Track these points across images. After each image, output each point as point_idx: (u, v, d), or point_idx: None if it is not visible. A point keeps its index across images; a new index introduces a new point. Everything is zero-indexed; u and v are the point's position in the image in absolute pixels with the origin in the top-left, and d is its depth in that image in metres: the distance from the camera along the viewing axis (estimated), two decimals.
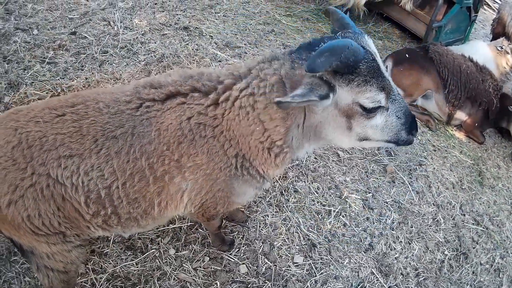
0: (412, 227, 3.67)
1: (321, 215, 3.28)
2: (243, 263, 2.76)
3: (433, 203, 4.11)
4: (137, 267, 2.59)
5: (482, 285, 3.66)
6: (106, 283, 2.52)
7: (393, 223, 3.59)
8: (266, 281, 2.71)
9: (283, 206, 3.22)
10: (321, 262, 2.94)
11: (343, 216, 3.35)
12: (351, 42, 1.54)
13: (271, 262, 2.81)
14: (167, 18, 5.42)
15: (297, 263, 2.88)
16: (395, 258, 3.30)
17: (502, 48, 6.36)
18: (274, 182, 3.40)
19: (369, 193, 3.72)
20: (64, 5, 5.31)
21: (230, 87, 1.73)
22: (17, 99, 3.67)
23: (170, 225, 2.85)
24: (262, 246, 2.89)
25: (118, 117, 1.70)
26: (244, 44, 5.37)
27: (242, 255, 2.82)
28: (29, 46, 4.45)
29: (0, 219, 1.65)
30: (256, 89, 1.67)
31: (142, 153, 1.70)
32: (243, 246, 2.85)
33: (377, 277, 3.08)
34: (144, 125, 1.71)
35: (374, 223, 3.46)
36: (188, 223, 2.87)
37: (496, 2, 13.00)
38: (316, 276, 2.85)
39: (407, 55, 5.46)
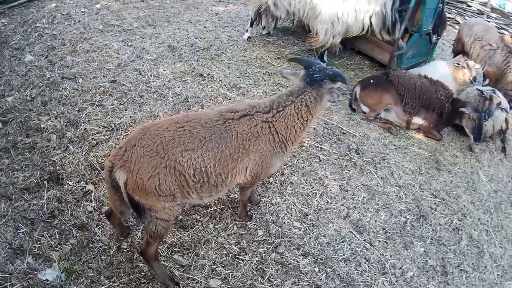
0: (379, 202, 4.66)
1: (310, 197, 4.42)
2: (260, 228, 3.96)
3: (395, 185, 5.05)
4: (188, 237, 3.75)
5: (442, 239, 4.53)
6: (167, 250, 3.63)
7: (364, 199, 4.62)
8: (276, 239, 3.88)
9: (283, 193, 4.40)
10: (312, 226, 4.09)
11: (325, 196, 4.48)
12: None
13: (278, 227, 4.00)
14: (185, 67, 6.54)
15: (296, 226, 4.04)
16: (367, 221, 4.34)
17: (459, 64, 7.19)
18: (275, 177, 4.57)
19: (344, 181, 4.79)
20: (100, 58, 6.47)
21: (280, 108, 3.20)
22: (79, 134, 4.76)
23: (209, 208, 4.05)
24: (271, 217, 4.09)
25: (212, 128, 3.05)
26: (246, 85, 6.40)
27: (258, 223, 4.01)
28: (78, 92, 5.56)
29: (140, 188, 2.84)
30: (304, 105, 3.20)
31: (225, 147, 3.04)
32: (258, 218, 4.06)
33: (354, 234, 4.14)
34: (227, 132, 3.07)
35: (349, 200, 4.54)
36: (220, 206, 4.12)
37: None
38: (310, 234, 4.00)
39: (371, 81, 6.48)
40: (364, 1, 6.76)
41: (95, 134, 4.79)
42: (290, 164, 4.84)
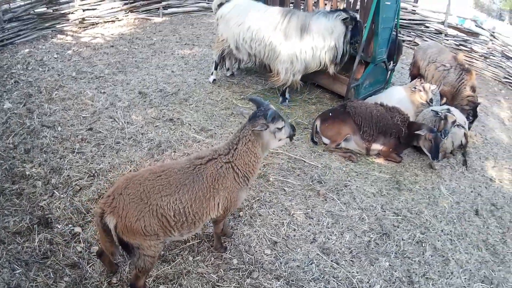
0: (342, 225, 5.07)
1: (278, 226, 4.84)
2: (234, 257, 4.36)
3: (358, 208, 5.44)
4: (171, 270, 4.10)
5: (406, 252, 4.89)
6: (153, 282, 3.97)
7: (328, 224, 5.04)
8: (250, 266, 4.28)
9: (253, 224, 4.82)
10: (282, 251, 4.50)
11: (292, 225, 4.91)
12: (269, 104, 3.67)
13: (251, 255, 4.41)
14: (156, 112, 6.95)
15: (267, 253, 4.45)
16: (333, 244, 4.75)
17: (415, 88, 7.68)
18: (245, 211, 5.00)
19: (309, 209, 5.22)
20: (75, 106, 6.86)
21: (234, 147, 3.71)
22: (62, 180, 5.11)
23: (187, 243, 4.44)
24: (244, 247, 4.49)
25: (185, 174, 3.55)
26: (214, 127, 6.81)
27: (233, 253, 4.41)
28: (58, 140, 5.91)
29: (129, 230, 3.26)
30: (248, 140, 3.71)
31: (198, 189, 3.54)
32: (232, 248, 4.47)
33: (321, 256, 4.55)
34: (198, 176, 3.57)
35: (314, 226, 4.96)
36: (197, 240, 4.54)
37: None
38: (280, 259, 4.41)
39: (330, 114, 6.88)
40: (320, 38, 7.19)
41: (77, 180, 5.15)
42: (258, 198, 5.27)
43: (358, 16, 7.35)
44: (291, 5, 10.24)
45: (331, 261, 4.56)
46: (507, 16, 49.14)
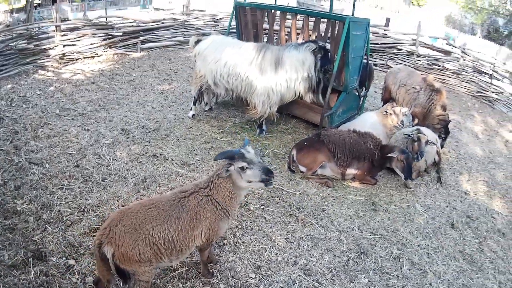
0: (322, 247, 5.34)
1: (261, 251, 5.11)
2: (221, 282, 4.63)
3: (336, 230, 5.69)
4: None
5: (384, 268, 5.11)
6: None
7: (308, 247, 5.31)
8: None
9: (237, 251, 5.09)
10: (266, 275, 4.78)
11: (274, 249, 5.19)
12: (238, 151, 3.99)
13: (237, 279, 4.68)
14: (139, 148, 7.21)
15: (252, 277, 4.72)
16: (313, 265, 5.02)
17: (387, 112, 7.94)
18: (229, 240, 5.27)
19: (289, 234, 5.50)
20: (61, 143, 7.10)
21: (212, 182, 4.07)
22: (54, 215, 5.29)
23: (176, 271, 4.70)
24: (229, 272, 4.76)
25: (171, 206, 3.91)
26: (195, 161, 7.07)
27: (219, 278, 4.67)
28: (47, 177, 6.08)
29: (125, 258, 3.60)
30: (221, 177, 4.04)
31: (183, 219, 3.89)
32: (219, 274, 4.73)
33: (303, 277, 4.82)
34: (183, 208, 3.93)
35: (295, 250, 5.24)
36: (185, 268, 4.82)
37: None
38: (264, 282, 4.69)
39: (305, 143, 7.14)
40: (293, 70, 7.57)
41: (68, 215, 5.36)
42: (240, 226, 5.54)
43: (326, 45, 7.71)
44: (264, 38, 10.79)
45: (313, 280, 4.84)
46: (479, 29, 50.39)
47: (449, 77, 15.10)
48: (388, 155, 6.80)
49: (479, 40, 42.60)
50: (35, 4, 37.95)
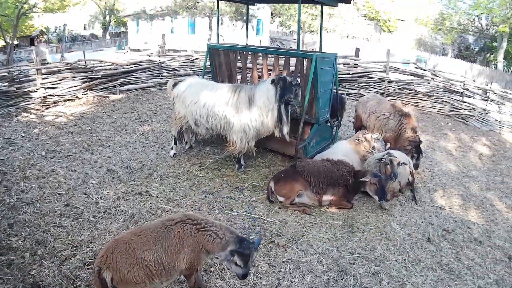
0: (303, 269, 5.59)
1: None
2: None
3: (315, 253, 5.88)
4: None
5: (363, 284, 5.30)
6: None
7: (290, 270, 5.58)
8: None
9: (224, 277, 5.27)
10: None
11: (258, 274, 5.46)
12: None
13: None
14: (125, 187, 7.50)
15: None
16: (296, 285, 5.27)
17: (358, 139, 8.35)
18: (215, 267, 5.56)
19: (271, 259, 5.76)
20: (50, 183, 7.37)
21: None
22: (48, 251, 5.49)
23: None
24: None
25: (159, 233, 4.33)
26: (179, 197, 7.31)
27: None
28: (39, 215, 6.30)
29: (123, 281, 4.04)
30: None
31: (169, 244, 4.31)
32: None
33: None
34: (169, 234, 4.35)
35: (278, 273, 5.52)
36: None
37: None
38: None
39: (282, 174, 7.44)
40: (263, 106, 7.95)
41: (62, 250, 5.63)
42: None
43: (286, 76, 7.81)
44: (238, 77, 11.33)
45: None
46: (450, 49, 51.83)
47: (421, 99, 15.69)
48: (361, 179, 7.14)
49: (450, 60, 43.88)
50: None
